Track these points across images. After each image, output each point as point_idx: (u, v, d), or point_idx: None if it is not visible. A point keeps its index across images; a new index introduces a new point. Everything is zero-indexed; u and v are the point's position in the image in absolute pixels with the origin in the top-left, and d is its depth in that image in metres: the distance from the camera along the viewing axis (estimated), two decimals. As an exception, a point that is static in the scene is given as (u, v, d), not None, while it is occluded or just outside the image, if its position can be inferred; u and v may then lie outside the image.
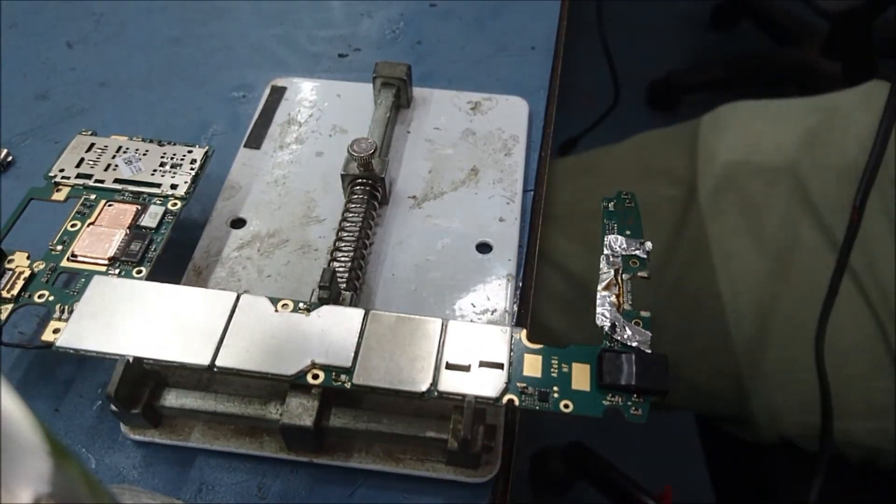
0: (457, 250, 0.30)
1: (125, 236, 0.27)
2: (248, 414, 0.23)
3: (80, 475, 0.12)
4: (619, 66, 0.73)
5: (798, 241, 0.24)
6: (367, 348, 0.23)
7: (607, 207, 0.27)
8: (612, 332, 0.23)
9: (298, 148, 0.34)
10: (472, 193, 0.32)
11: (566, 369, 0.23)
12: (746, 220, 0.40)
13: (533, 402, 0.22)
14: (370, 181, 0.30)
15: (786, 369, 0.37)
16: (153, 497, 0.21)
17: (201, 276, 0.29)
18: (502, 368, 0.23)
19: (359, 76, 0.38)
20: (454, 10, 0.43)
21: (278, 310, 0.24)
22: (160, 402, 0.23)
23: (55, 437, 0.11)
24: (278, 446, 0.24)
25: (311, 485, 0.24)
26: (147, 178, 0.29)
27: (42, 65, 0.39)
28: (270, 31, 0.41)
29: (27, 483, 0.10)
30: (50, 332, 0.24)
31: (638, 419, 0.22)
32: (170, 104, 0.37)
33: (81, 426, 0.25)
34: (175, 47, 0.40)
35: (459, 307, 0.28)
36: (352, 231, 0.29)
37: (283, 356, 0.23)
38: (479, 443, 0.22)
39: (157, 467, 0.24)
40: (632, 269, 0.25)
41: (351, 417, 0.23)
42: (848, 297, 0.36)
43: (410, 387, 0.22)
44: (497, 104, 0.36)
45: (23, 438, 0.11)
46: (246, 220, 0.31)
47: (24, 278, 0.25)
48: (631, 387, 0.22)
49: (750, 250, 0.39)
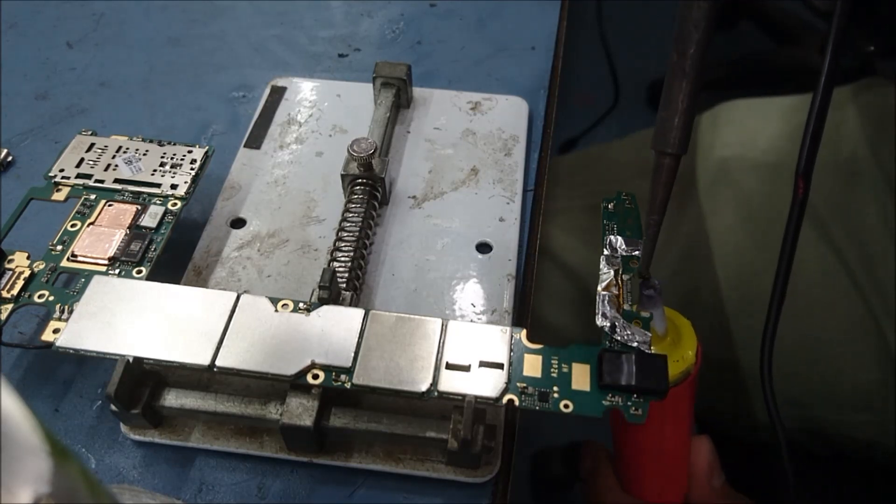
0: (457, 250, 0.30)
1: (125, 236, 0.27)
2: (248, 414, 0.23)
3: (79, 475, 0.12)
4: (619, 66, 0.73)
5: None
6: (367, 348, 0.23)
7: (607, 208, 0.27)
8: (612, 333, 0.23)
9: (298, 148, 0.34)
10: (472, 193, 0.32)
11: (566, 369, 0.23)
12: (742, 214, 0.41)
13: (533, 402, 0.22)
14: (370, 181, 0.30)
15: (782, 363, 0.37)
16: (153, 497, 0.21)
17: (201, 276, 0.29)
18: (502, 368, 0.23)
19: (359, 76, 0.38)
20: (454, 10, 0.43)
21: (278, 310, 0.24)
22: (160, 402, 0.23)
23: (55, 437, 0.11)
24: (278, 446, 0.24)
25: (311, 485, 0.24)
26: (147, 178, 0.29)
27: (42, 65, 0.39)
28: (270, 31, 0.41)
29: (27, 483, 0.10)
30: (50, 332, 0.24)
31: (638, 419, 0.22)
32: (170, 104, 0.37)
33: (81, 426, 0.25)
34: (175, 47, 0.40)
35: (459, 307, 0.28)
36: (352, 231, 0.29)
37: (283, 356, 0.23)
38: (480, 443, 0.22)
39: (157, 467, 0.24)
40: (632, 270, 0.25)
41: (351, 417, 0.23)
42: (842, 291, 0.36)
43: (410, 387, 0.22)
44: (497, 104, 0.36)
45: (23, 438, 0.11)
46: (246, 220, 0.31)
47: (24, 278, 0.25)
48: (631, 387, 0.22)
49: (747, 245, 0.40)
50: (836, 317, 0.37)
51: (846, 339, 0.36)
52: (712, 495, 0.27)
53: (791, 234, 0.25)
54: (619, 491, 0.27)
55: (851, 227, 0.37)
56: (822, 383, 0.37)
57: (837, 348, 0.37)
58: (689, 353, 0.24)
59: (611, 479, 0.28)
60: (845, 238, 0.37)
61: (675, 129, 0.21)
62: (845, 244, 0.37)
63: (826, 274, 0.37)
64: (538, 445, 0.71)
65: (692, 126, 0.21)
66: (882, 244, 0.36)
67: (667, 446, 0.26)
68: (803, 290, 0.37)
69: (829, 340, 0.37)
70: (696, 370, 0.24)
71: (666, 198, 0.22)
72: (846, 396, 0.37)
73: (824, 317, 0.37)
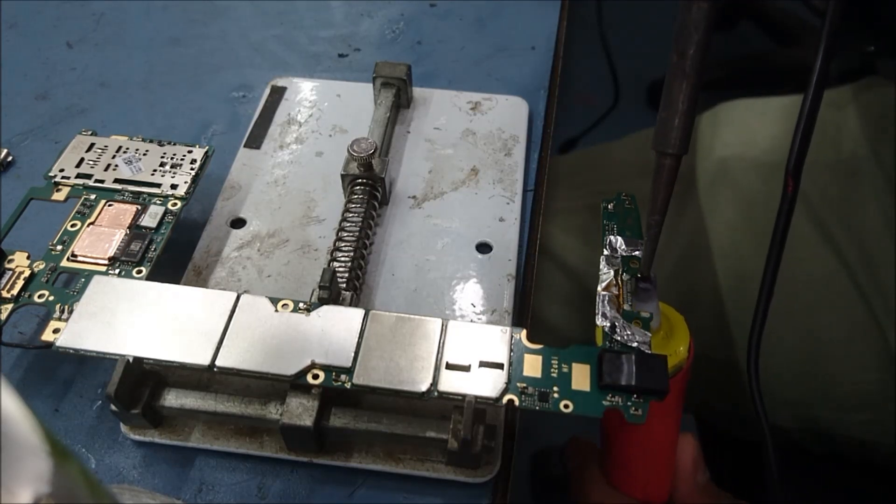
0: (457, 250, 0.30)
1: (125, 236, 0.27)
2: (248, 414, 0.23)
3: (79, 475, 0.12)
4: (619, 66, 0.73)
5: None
6: (367, 348, 0.23)
7: (607, 209, 0.27)
8: (612, 333, 0.23)
9: (298, 148, 0.34)
10: (472, 193, 0.32)
11: (566, 369, 0.23)
12: (741, 214, 0.41)
13: (533, 403, 0.22)
14: (370, 181, 0.30)
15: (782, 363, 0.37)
16: (153, 497, 0.21)
17: (201, 276, 0.29)
18: (502, 368, 0.23)
19: (359, 76, 0.38)
20: (454, 10, 0.43)
21: (278, 310, 0.24)
22: (160, 402, 0.23)
23: (55, 437, 0.11)
24: (278, 446, 0.24)
25: (312, 485, 0.24)
26: (147, 178, 0.29)
27: (42, 65, 0.39)
28: (270, 31, 0.41)
29: (27, 483, 0.10)
30: (50, 332, 0.24)
31: (637, 420, 0.22)
32: (170, 104, 0.37)
33: (81, 426, 0.25)
34: (175, 47, 0.40)
35: (459, 307, 0.28)
36: (352, 231, 0.29)
37: (283, 356, 0.23)
38: (480, 443, 0.22)
39: (157, 467, 0.24)
40: (632, 270, 0.25)
41: (351, 417, 0.23)
42: (842, 291, 0.36)
43: (410, 387, 0.22)
44: (497, 104, 0.36)
45: (23, 438, 0.11)
46: (246, 220, 0.31)
47: (24, 278, 0.25)
48: (631, 387, 0.22)
49: (747, 244, 0.39)
50: (836, 316, 0.37)
51: (846, 338, 0.36)
52: (696, 491, 0.27)
53: (780, 230, 0.25)
54: (604, 485, 0.27)
55: (852, 226, 0.37)
56: (821, 383, 0.37)
57: (837, 348, 0.37)
58: (681, 349, 0.24)
59: (596, 474, 0.28)
60: (846, 238, 0.37)
61: (676, 129, 0.21)
62: (846, 244, 0.37)
63: (826, 273, 0.37)
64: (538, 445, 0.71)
65: (693, 126, 0.21)
66: (882, 244, 0.36)
67: (654, 441, 0.26)
68: (803, 290, 0.37)
69: (829, 340, 0.37)
70: (687, 365, 0.24)
71: (667, 198, 0.22)
72: (846, 396, 0.37)
73: (824, 316, 0.37)
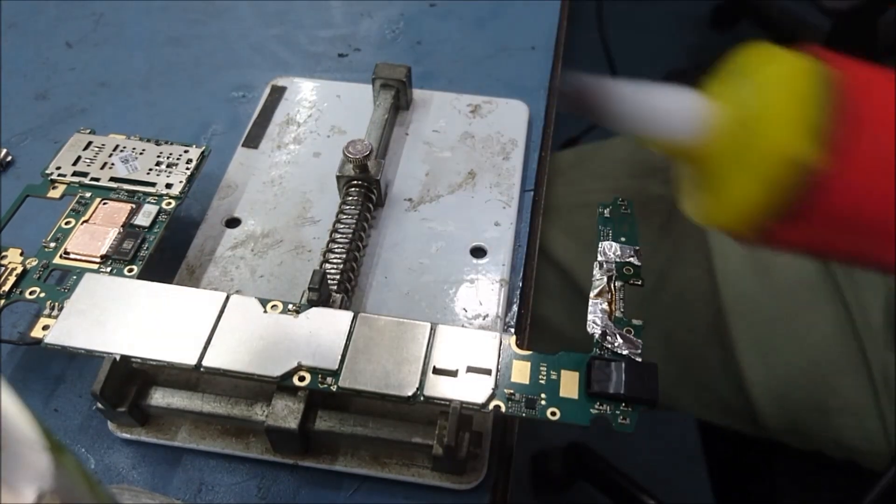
0: (451, 254, 0.30)
1: (118, 234, 0.27)
2: (234, 415, 0.23)
3: (77, 471, 0.12)
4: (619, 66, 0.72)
5: None
6: (354, 351, 0.23)
7: (603, 213, 0.27)
8: (603, 340, 0.23)
9: (296, 148, 0.34)
10: (468, 197, 0.32)
11: (555, 376, 0.22)
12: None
13: (520, 409, 0.22)
14: (365, 183, 0.30)
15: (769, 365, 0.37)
16: (153, 497, 0.21)
17: (194, 275, 0.29)
18: (490, 374, 0.22)
19: (359, 76, 0.38)
20: (454, 10, 0.43)
21: (267, 311, 0.24)
22: (147, 401, 0.23)
23: (51, 433, 0.11)
24: (264, 447, 0.24)
25: (312, 485, 0.24)
26: (142, 177, 0.29)
27: (42, 65, 0.39)
28: (270, 31, 0.41)
29: (30, 481, 0.10)
30: (39, 329, 0.24)
31: (625, 428, 0.21)
32: (170, 104, 0.37)
33: (81, 426, 0.25)
34: (175, 47, 0.40)
35: (451, 311, 0.28)
36: (345, 233, 0.28)
37: (270, 357, 0.23)
38: (465, 449, 0.22)
39: (156, 468, 0.24)
40: (625, 277, 0.25)
41: (337, 421, 0.23)
42: (828, 297, 0.36)
43: (397, 391, 0.22)
44: (497, 107, 0.36)
45: (23, 436, 0.11)
46: (241, 220, 0.31)
47: (16, 274, 0.25)
48: (619, 395, 0.22)
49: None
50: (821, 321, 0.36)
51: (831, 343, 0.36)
52: None
53: None
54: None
55: None
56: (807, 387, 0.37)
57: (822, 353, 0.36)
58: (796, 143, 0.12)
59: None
60: None
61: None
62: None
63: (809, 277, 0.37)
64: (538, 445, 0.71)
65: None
66: None
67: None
68: (789, 296, 0.37)
69: (814, 345, 0.37)
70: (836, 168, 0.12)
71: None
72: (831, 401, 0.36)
73: (810, 321, 0.37)
